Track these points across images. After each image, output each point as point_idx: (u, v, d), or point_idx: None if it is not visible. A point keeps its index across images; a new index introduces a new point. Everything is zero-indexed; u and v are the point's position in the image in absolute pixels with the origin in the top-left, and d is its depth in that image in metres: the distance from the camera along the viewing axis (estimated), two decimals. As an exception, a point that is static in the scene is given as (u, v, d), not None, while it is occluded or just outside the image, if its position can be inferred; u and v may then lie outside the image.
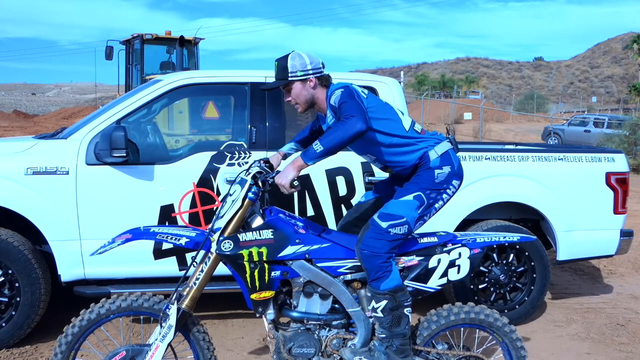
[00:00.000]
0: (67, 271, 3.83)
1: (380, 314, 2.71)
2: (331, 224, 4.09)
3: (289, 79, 2.83)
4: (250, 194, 2.69)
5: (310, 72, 2.84)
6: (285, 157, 3.19)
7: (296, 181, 2.59)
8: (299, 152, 3.09)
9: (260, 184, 2.69)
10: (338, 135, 2.56)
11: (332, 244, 2.76)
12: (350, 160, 4.06)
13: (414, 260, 2.82)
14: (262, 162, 2.94)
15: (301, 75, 2.83)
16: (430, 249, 2.84)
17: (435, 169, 2.83)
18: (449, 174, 2.85)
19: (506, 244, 4.33)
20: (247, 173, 2.75)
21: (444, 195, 2.86)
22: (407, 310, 2.75)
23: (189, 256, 3.90)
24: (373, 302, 2.71)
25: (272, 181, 2.68)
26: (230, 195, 2.73)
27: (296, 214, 4.05)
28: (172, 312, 2.61)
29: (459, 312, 2.85)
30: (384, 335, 2.73)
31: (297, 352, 2.71)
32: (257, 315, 2.74)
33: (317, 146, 2.57)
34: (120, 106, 3.98)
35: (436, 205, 2.86)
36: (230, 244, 2.64)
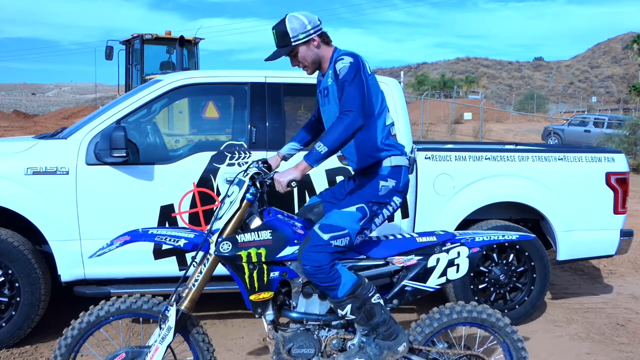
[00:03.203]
0: (67, 271, 3.83)
1: (351, 317, 2.70)
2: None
3: (293, 44, 2.75)
4: (248, 195, 2.69)
5: (312, 31, 2.77)
6: (285, 159, 3.16)
7: (294, 182, 2.58)
8: (300, 153, 3.09)
9: (258, 185, 2.69)
10: (340, 135, 2.55)
11: (331, 244, 2.75)
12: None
13: (413, 259, 2.82)
14: (260, 162, 2.94)
15: (304, 38, 2.75)
16: (429, 248, 2.84)
17: (381, 180, 2.79)
18: (392, 189, 2.79)
19: (506, 244, 4.33)
20: (245, 174, 2.74)
21: (385, 211, 2.81)
22: (375, 299, 2.71)
23: (188, 256, 3.90)
24: (339, 310, 2.69)
25: (270, 182, 2.67)
26: (228, 196, 2.73)
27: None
28: (171, 313, 2.61)
29: (461, 310, 2.85)
30: (366, 331, 2.73)
31: (297, 353, 2.71)
32: (256, 316, 2.74)
33: (321, 147, 2.56)
34: (120, 106, 3.98)
35: (376, 220, 2.80)
36: (229, 245, 2.63)
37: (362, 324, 2.71)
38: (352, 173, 3.04)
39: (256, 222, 2.73)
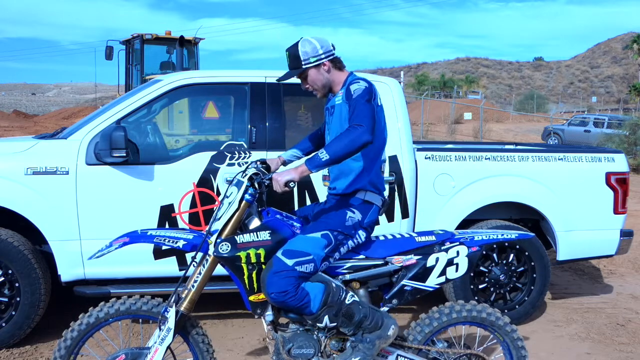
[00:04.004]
0: (67, 271, 3.83)
1: (332, 324, 2.68)
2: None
3: (303, 67, 2.80)
4: (246, 196, 2.69)
5: (323, 56, 2.81)
6: (284, 163, 3.15)
7: (292, 183, 2.58)
8: (301, 160, 3.09)
9: (256, 185, 2.69)
10: (345, 146, 2.55)
11: (330, 245, 2.74)
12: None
13: (412, 259, 2.82)
14: (259, 163, 2.94)
15: (314, 61, 2.80)
16: (428, 247, 2.84)
17: (348, 210, 2.78)
18: (357, 223, 2.78)
19: (506, 243, 4.33)
20: (244, 174, 2.74)
21: (350, 242, 2.78)
22: (348, 299, 2.69)
23: (188, 256, 3.89)
24: (318, 324, 2.67)
25: (269, 182, 2.67)
26: (227, 197, 2.73)
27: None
28: (171, 315, 2.61)
29: (461, 309, 2.85)
30: (352, 331, 2.72)
31: (297, 353, 2.70)
32: (256, 316, 2.74)
33: (323, 154, 2.55)
34: (120, 106, 3.98)
35: (341, 249, 2.76)
36: (228, 246, 2.63)
37: (345, 326, 2.70)
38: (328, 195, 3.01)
39: (255, 222, 2.73)
